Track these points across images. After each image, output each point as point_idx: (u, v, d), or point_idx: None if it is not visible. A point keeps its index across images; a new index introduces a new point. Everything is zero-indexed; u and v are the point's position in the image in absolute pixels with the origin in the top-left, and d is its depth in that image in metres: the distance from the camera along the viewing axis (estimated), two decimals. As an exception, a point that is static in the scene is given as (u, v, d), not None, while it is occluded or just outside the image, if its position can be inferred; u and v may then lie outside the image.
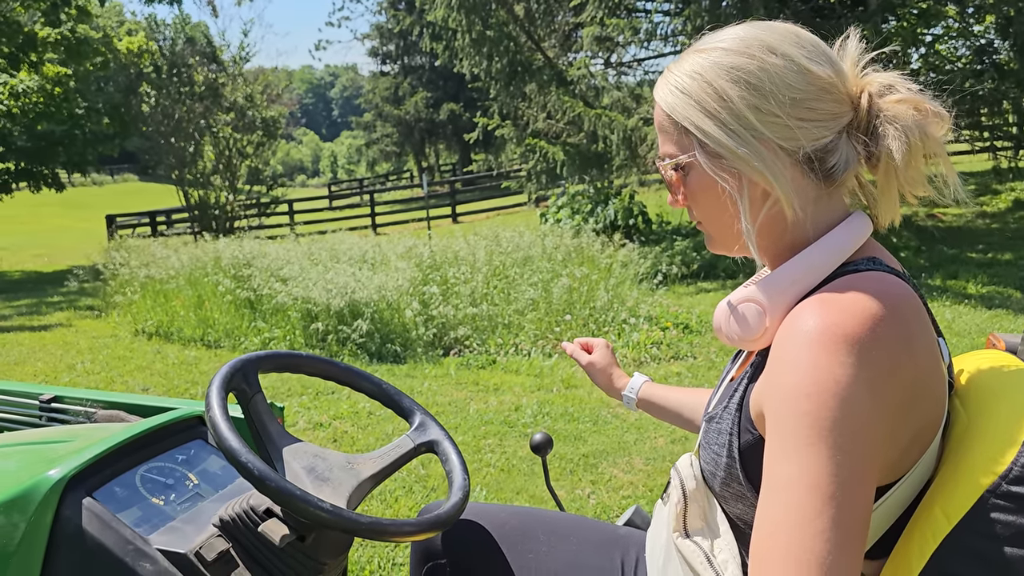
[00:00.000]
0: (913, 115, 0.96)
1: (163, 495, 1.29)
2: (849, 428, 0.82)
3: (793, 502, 0.81)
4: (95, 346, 7.46)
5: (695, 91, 0.99)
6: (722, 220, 1.04)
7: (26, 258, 21.56)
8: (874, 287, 0.90)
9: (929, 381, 0.91)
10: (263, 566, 1.20)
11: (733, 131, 0.96)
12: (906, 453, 0.92)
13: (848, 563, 0.78)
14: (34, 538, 1.15)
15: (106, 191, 47.50)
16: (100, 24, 25.38)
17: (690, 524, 1.10)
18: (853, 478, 0.81)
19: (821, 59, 0.98)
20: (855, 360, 0.83)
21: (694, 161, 1.01)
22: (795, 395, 0.85)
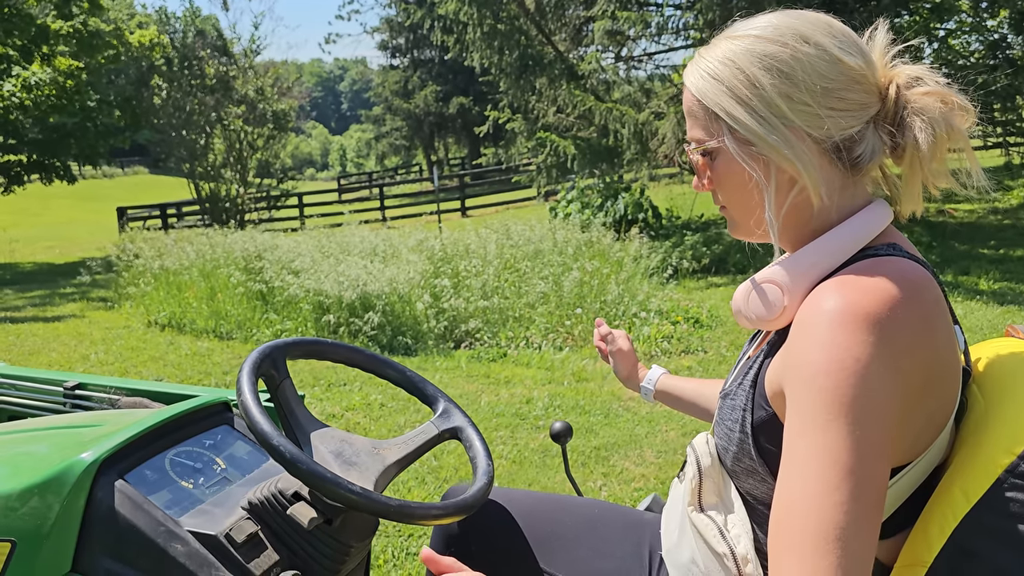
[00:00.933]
0: (940, 108, 0.98)
1: (192, 479, 1.31)
2: (867, 405, 0.83)
3: (811, 476, 0.82)
4: (108, 337, 7.51)
5: (727, 77, 1.00)
6: (747, 206, 1.05)
7: (38, 250, 21.67)
8: (894, 270, 0.92)
9: (945, 365, 0.92)
10: (291, 548, 1.22)
11: (763, 118, 0.98)
12: (920, 435, 0.93)
13: (866, 536, 0.80)
14: (68, 519, 1.17)
15: (116, 183, 47.70)
16: (111, 17, 25.47)
17: (705, 499, 1.12)
18: (871, 453, 0.82)
19: (853, 49, 0.99)
20: (874, 339, 0.85)
21: (722, 146, 1.03)
22: (814, 372, 0.86)
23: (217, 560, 1.16)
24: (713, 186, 1.08)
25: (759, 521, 1.05)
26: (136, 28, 26.61)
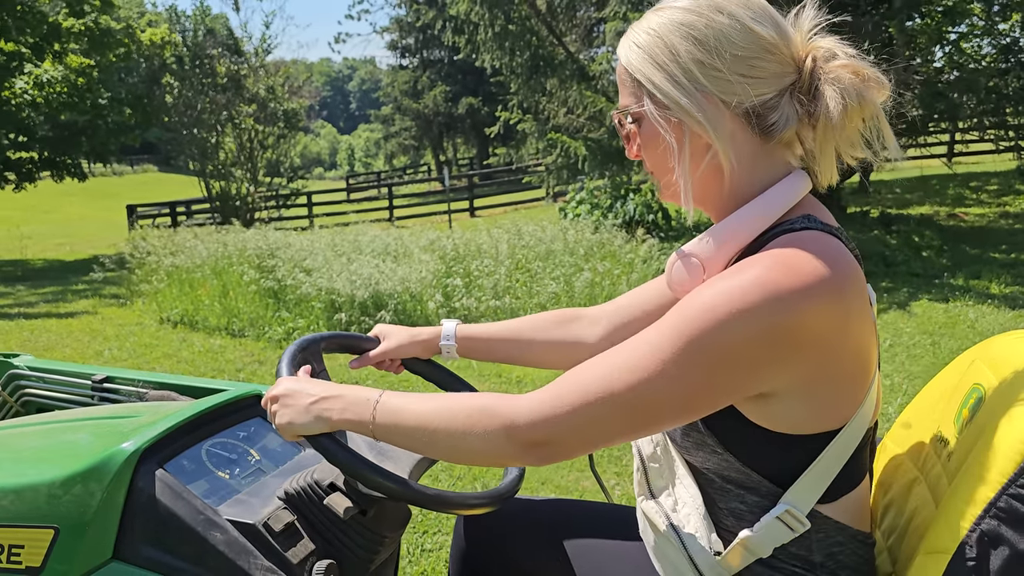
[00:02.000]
0: (851, 79, 1.02)
1: (227, 469, 1.34)
2: (711, 352, 0.92)
3: (622, 364, 0.96)
4: (121, 333, 7.55)
5: (648, 46, 1.07)
6: (668, 168, 1.10)
7: (49, 246, 21.78)
8: (816, 250, 0.96)
9: (857, 337, 0.98)
10: (326, 538, 1.24)
11: (678, 83, 1.04)
12: (839, 401, 1.00)
13: (607, 431, 0.97)
14: (110, 507, 1.19)
15: (126, 181, 47.85)
16: (122, 15, 25.57)
17: (654, 485, 1.18)
18: (677, 387, 0.94)
19: (766, 21, 1.04)
20: (763, 306, 0.91)
21: (644, 111, 1.08)
22: (690, 304, 0.96)
23: (256, 549, 1.19)
24: (641, 152, 1.13)
25: (715, 494, 1.09)
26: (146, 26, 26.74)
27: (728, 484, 1.07)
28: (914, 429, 1.23)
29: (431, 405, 1.08)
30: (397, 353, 1.49)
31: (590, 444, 0.99)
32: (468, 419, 1.03)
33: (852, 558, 1.07)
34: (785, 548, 1.05)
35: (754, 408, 1.00)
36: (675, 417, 0.98)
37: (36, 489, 1.22)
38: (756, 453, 1.03)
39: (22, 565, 1.20)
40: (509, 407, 1.01)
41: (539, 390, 1.02)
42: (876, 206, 13.27)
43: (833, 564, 1.06)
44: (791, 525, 1.02)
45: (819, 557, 1.05)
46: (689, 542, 1.08)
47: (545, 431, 0.98)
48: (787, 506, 1.02)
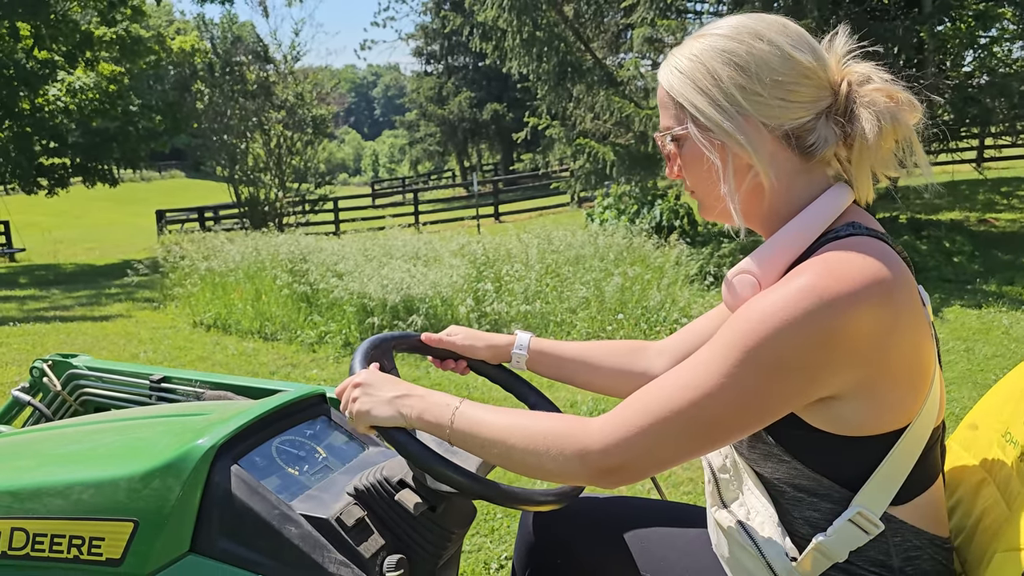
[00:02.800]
0: (885, 102, 1.07)
1: (297, 466, 1.37)
2: (768, 361, 0.95)
3: (683, 383, 1.00)
4: (156, 336, 7.65)
5: (690, 71, 1.11)
6: (710, 188, 1.15)
7: (79, 251, 22.10)
8: (863, 252, 1.00)
9: (913, 333, 1.01)
10: (395, 533, 1.27)
11: (721, 107, 1.08)
12: (901, 400, 1.01)
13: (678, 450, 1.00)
14: (188, 501, 1.23)
15: (153, 187, 48.43)
16: (151, 24, 25.94)
17: (726, 496, 1.20)
18: (739, 399, 0.97)
19: (804, 48, 1.09)
20: (817, 312, 0.94)
21: (687, 133, 1.13)
22: (745, 315, 0.99)
23: (329, 543, 1.21)
24: (682, 172, 1.17)
25: (788, 505, 1.11)
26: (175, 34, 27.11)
27: (800, 493, 1.09)
28: (981, 431, 1.24)
29: (508, 420, 1.11)
30: (470, 352, 1.53)
31: (660, 465, 1.02)
32: (544, 441, 1.07)
33: (930, 563, 1.08)
34: (863, 553, 1.06)
35: (816, 413, 1.02)
36: (740, 429, 1.00)
37: (116, 483, 1.25)
38: (823, 458, 1.05)
39: (102, 556, 1.24)
40: (584, 433, 1.05)
41: (608, 415, 1.05)
42: (905, 212, 13.15)
43: (912, 569, 1.07)
44: (864, 527, 1.04)
45: (897, 562, 1.06)
46: (765, 547, 1.10)
47: (618, 457, 1.02)
48: (859, 508, 1.03)
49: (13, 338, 7.47)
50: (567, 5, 12.49)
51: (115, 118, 20.46)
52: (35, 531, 1.27)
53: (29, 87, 18.74)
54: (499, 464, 1.14)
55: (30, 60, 19.15)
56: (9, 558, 1.28)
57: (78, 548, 1.25)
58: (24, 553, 1.27)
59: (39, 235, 23.66)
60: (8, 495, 1.31)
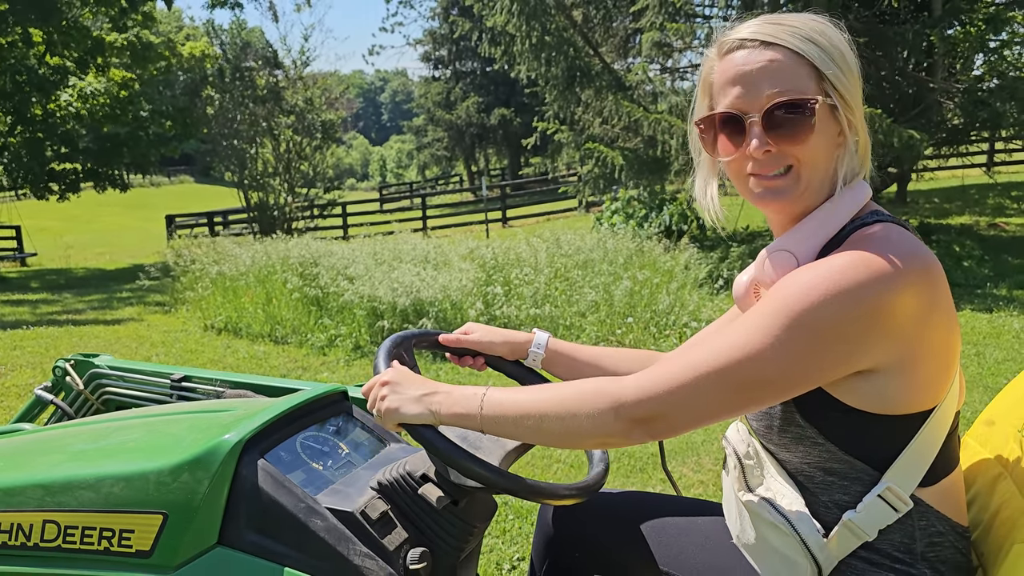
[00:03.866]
0: None
1: (321, 461, 1.40)
2: (811, 323, 0.98)
3: (726, 344, 1.02)
4: (167, 340, 7.70)
5: (825, 43, 1.12)
6: (825, 162, 1.15)
7: (90, 256, 22.20)
8: (900, 239, 1.04)
9: (944, 320, 1.05)
10: (418, 527, 1.29)
11: (853, 85, 1.12)
12: (935, 376, 1.05)
13: (712, 406, 1.02)
14: (216, 494, 1.25)
15: (163, 192, 48.62)
16: (161, 30, 26.09)
17: (751, 481, 1.22)
18: (780, 362, 0.99)
19: None
20: (865, 285, 0.98)
21: (821, 103, 1.11)
22: (787, 285, 1.03)
23: (354, 536, 1.24)
24: (790, 146, 1.12)
25: (817, 490, 1.13)
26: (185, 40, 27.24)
27: (831, 476, 1.11)
28: (997, 426, 1.26)
29: (536, 394, 1.14)
30: (488, 349, 1.55)
31: (695, 420, 1.04)
32: (577, 400, 1.09)
33: (951, 551, 1.10)
34: (888, 536, 1.08)
35: (851, 390, 1.05)
36: (778, 393, 1.03)
37: (145, 477, 1.28)
38: (856, 439, 1.07)
39: (132, 548, 1.27)
40: (617, 386, 1.07)
41: (644, 371, 1.07)
42: (915, 215, 13.13)
43: (933, 555, 1.09)
44: (893, 504, 1.06)
45: (921, 547, 1.08)
46: (800, 524, 1.11)
47: (652, 407, 1.04)
48: (888, 483, 1.06)
49: (27, 341, 7.52)
50: (576, 10, 12.54)
51: (126, 123, 20.56)
52: (66, 523, 1.30)
53: (41, 93, 18.87)
54: (533, 439, 1.15)
55: (42, 66, 19.28)
56: (41, 550, 1.31)
57: (108, 540, 1.28)
58: (56, 545, 1.30)
59: (50, 240, 23.79)
60: (39, 488, 1.33)
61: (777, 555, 1.15)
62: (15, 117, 18.92)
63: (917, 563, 1.09)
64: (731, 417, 1.07)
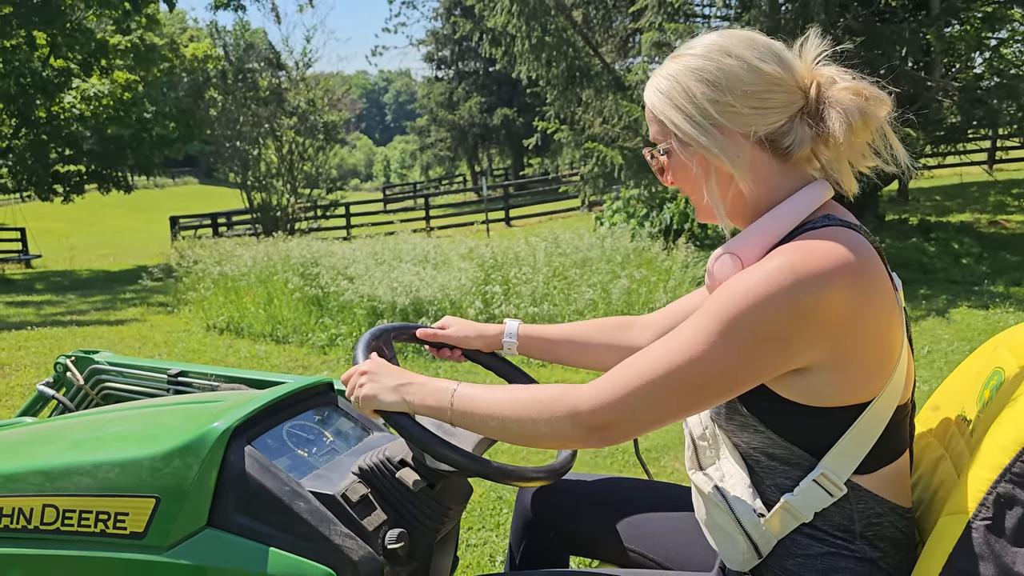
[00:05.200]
0: (853, 99, 1.15)
1: (306, 448, 1.47)
2: (748, 325, 1.05)
3: (669, 349, 1.09)
4: (170, 340, 7.78)
5: (668, 90, 1.21)
6: (700, 195, 1.24)
7: (93, 257, 22.33)
8: (834, 239, 1.09)
9: (880, 312, 1.10)
10: (396, 509, 1.37)
11: (696, 123, 1.17)
12: (868, 373, 1.10)
13: (661, 410, 1.09)
14: (205, 478, 1.32)
15: (166, 193, 48.80)
16: (165, 31, 26.20)
17: (703, 461, 1.29)
18: (719, 365, 1.06)
19: (771, 58, 1.17)
20: (790, 287, 1.04)
21: (672, 147, 1.22)
22: (726, 289, 1.09)
23: (335, 517, 1.31)
24: (674, 181, 1.26)
25: (762, 473, 1.20)
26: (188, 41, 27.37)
27: (773, 461, 1.18)
28: (941, 411, 1.33)
29: (502, 395, 1.21)
30: (463, 343, 1.63)
31: (646, 425, 1.11)
32: (537, 407, 1.16)
33: (891, 529, 1.16)
34: (827, 517, 1.15)
35: (788, 386, 1.11)
36: (720, 393, 1.10)
37: (139, 463, 1.36)
38: (794, 428, 1.14)
39: (127, 530, 1.34)
40: (573, 395, 1.14)
41: (598, 379, 1.15)
42: (915, 214, 13.18)
43: (872, 534, 1.15)
44: (828, 489, 1.13)
45: (859, 527, 1.15)
46: (736, 505, 1.19)
47: (605, 416, 1.11)
48: (823, 469, 1.12)
49: (31, 342, 7.61)
50: (576, 10, 12.59)
51: (129, 125, 20.68)
52: (64, 507, 1.37)
53: (45, 95, 18.99)
54: (498, 437, 1.23)
55: (46, 69, 19.39)
56: (41, 532, 1.38)
57: (104, 523, 1.35)
58: (55, 528, 1.37)
59: (55, 242, 23.92)
60: (40, 475, 1.41)
61: (721, 531, 1.22)
62: (19, 119, 19.04)
63: (856, 540, 1.15)
64: (681, 418, 1.14)
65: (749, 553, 1.18)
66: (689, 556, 1.42)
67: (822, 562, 1.15)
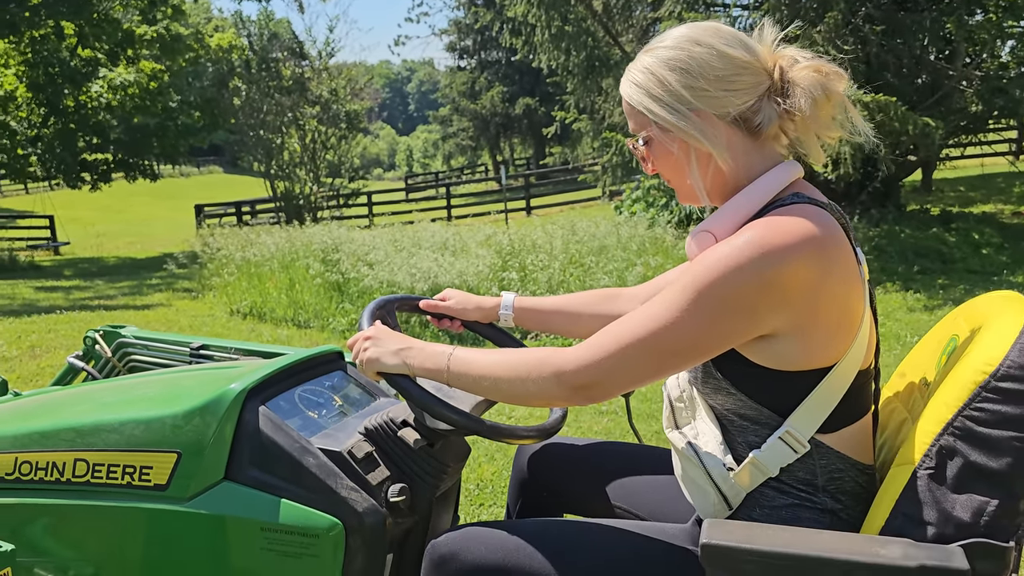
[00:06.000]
0: (815, 76, 1.25)
1: (316, 410, 1.58)
2: (720, 295, 1.15)
3: (646, 316, 1.19)
4: (195, 324, 7.96)
5: (643, 81, 1.30)
6: (682, 178, 1.34)
7: (120, 244, 22.67)
8: (799, 215, 1.18)
9: (842, 282, 1.18)
10: (399, 466, 1.48)
11: (674, 109, 1.27)
12: (831, 337, 1.20)
13: (638, 372, 1.19)
14: (222, 436, 1.44)
15: (191, 182, 49.31)
16: (190, 21, 26.49)
17: (680, 421, 1.40)
18: (691, 331, 1.16)
19: (736, 44, 1.27)
20: (758, 259, 1.14)
21: (652, 135, 1.31)
22: (699, 262, 1.18)
23: (342, 472, 1.42)
24: (656, 168, 1.36)
25: (734, 431, 1.29)
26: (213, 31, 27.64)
27: (744, 421, 1.27)
28: (906, 377, 1.42)
29: (495, 358, 1.32)
30: (462, 314, 1.75)
31: (625, 384, 1.22)
32: (526, 368, 1.27)
33: (851, 484, 1.26)
34: (792, 472, 1.25)
35: (756, 350, 1.21)
36: (692, 357, 1.20)
37: (162, 421, 1.47)
38: (762, 390, 1.24)
39: (151, 483, 1.46)
40: (559, 357, 1.25)
41: (582, 343, 1.25)
42: (937, 204, 13.11)
43: (833, 488, 1.25)
44: (792, 446, 1.22)
45: (821, 481, 1.25)
46: (707, 459, 1.29)
47: (588, 375, 1.21)
48: (788, 428, 1.22)
49: (61, 324, 7.82)
50: (595, 0, 12.65)
51: (155, 114, 20.99)
52: (94, 461, 1.49)
53: (73, 85, 19.30)
54: (490, 396, 1.34)
55: (74, 58, 19.71)
56: (72, 484, 1.51)
57: (131, 476, 1.47)
58: (85, 480, 1.50)
59: (82, 229, 24.30)
60: (72, 431, 1.53)
61: (695, 485, 1.32)
62: (48, 109, 19.38)
63: (819, 493, 1.25)
64: (658, 379, 1.24)
65: (720, 504, 1.28)
66: (670, 512, 1.52)
67: (787, 513, 1.24)
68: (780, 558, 1.05)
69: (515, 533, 1.33)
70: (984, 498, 1.06)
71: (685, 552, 1.30)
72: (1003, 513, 1.06)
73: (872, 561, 1.02)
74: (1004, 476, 1.06)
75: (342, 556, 1.39)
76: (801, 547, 1.05)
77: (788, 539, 1.07)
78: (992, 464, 1.06)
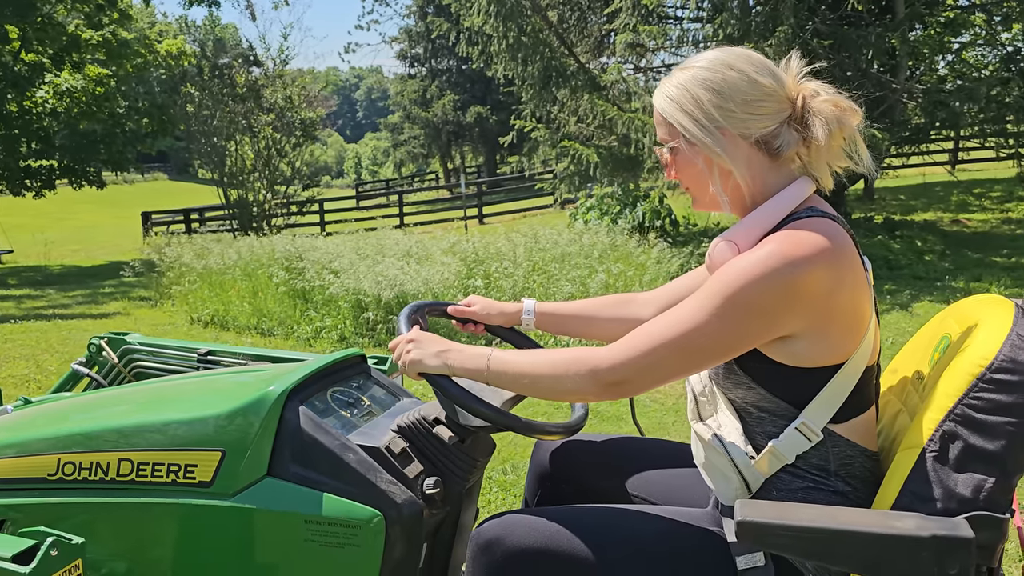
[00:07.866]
0: (832, 110, 1.38)
1: (348, 410, 1.67)
2: (746, 300, 1.27)
3: (676, 319, 1.31)
4: (156, 332, 7.88)
5: (677, 96, 1.43)
6: (702, 187, 1.47)
7: (64, 252, 22.13)
8: (815, 229, 1.31)
9: (852, 288, 1.31)
10: (432, 461, 1.57)
11: (703, 126, 1.40)
12: (842, 339, 1.33)
13: (667, 370, 1.32)
14: (265, 434, 1.52)
15: (136, 189, 48.31)
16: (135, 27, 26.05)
17: (703, 413, 1.53)
18: (718, 333, 1.29)
19: (766, 73, 1.40)
20: (781, 267, 1.27)
21: (679, 146, 1.45)
22: (726, 270, 1.31)
23: (380, 466, 1.51)
24: (677, 175, 1.48)
25: (753, 423, 1.42)
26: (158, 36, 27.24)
27: (763, 413, 1.40)
28: (899, 373, 1.57)
29: (531, 357, 1.44)
30: (486, 319, 1.86)
31: (655, 380, 1.34)
32: (564, 365, 1.38)
33: (859, 469, 1.40)
34: (807, 459, 1.38)
35: (777, 349, 1.34)
36: (717, 356, 1.33)
37: (206, 421, 1.55)
38: (781, 385, 1.37)
39: (196, 480, 1.53)
40: (594, 356, 1.36)
41: (615, 343, 1.37)
42: (881, 212, 13.57)
43: (844, 472, 1.39)
44: (807, 435, 1.36)
45: (834, 466, 1.38)
46: (731, 448, 1.41)
47: (620, 373, 1.33)
48: (804, 419, 1.36)
49: (16, 335, 7.69)
50: (551, 11, 12.81)
51: (102, 121, 20.59)
52: (139, 460, 1.56)
53: (17, 90, 18.86)
54: (527, 392, 1.46)
55: (17, 63, 19.25)
56: (117, 483, 1.57)
57: (176, 473, 1.54)
58: (130, 478, 1.56)
59: (26, 237, 23.68)
60: (114, 432, 1.60)
61: (718, 471, 1.44)
62: (-9, 114, 18.89)
63: (831, 477, 1.38)
64: (684, 376, 1.37)
65: (741, 490, 1.40)
66: (684, 499, 1.64)
67: (802, 495, 1.37)
68: (808, 531, 1.18)
69: (554, 519, 1.44)
70: (983, 476, 1.21)
71: (708, 532, 1.43)
72: (999, 489, 1.20)
73: (890, 532, 1.16)
74: (999, 456, 1.20)
75: (382, 545, 1.47)
76: (826, 521, 1.18)
77: (814, 515, 1.20)
78: (989, 446, 1.21)
